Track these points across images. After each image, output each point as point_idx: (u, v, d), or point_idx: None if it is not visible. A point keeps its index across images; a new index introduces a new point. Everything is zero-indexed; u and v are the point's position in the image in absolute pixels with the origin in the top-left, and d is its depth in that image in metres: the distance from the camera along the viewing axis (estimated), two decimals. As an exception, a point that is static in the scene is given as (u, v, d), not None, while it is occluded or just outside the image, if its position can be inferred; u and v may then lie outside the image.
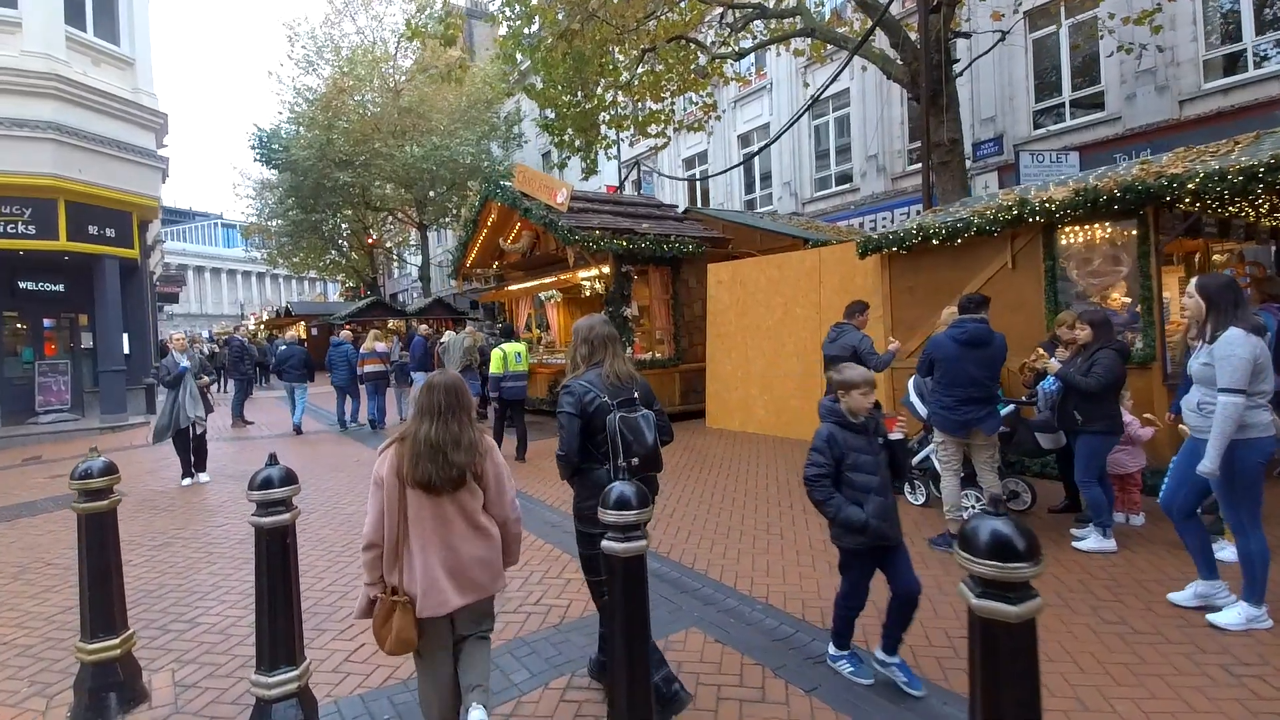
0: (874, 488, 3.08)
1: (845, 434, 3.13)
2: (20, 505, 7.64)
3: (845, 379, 3.16)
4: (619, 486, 2.44)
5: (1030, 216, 6.33)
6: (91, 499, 3.31)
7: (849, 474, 3.10)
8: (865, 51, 11.12)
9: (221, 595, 4.66)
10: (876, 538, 3.05)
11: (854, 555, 3.17)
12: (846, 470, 3.10)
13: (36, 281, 13.49)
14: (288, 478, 3.01)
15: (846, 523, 3.03)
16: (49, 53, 11.91)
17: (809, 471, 3.12)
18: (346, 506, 6.90)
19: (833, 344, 6.47)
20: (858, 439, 3.14)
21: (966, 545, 1.63)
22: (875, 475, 3.10)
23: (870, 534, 3.03)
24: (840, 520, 3.05)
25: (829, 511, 3.07)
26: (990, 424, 4.67)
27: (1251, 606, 3.55)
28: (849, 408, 3.14)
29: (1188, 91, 12.64)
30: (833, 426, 3.15)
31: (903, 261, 7.61)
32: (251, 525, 2.94)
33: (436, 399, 2.63)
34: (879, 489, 3.09)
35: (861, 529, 3.01)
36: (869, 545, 3.09)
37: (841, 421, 3.16)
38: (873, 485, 3.09)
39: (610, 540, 2.42)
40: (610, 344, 3.14)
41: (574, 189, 10.15)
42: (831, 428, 3.15)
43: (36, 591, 4.91)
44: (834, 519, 3.08)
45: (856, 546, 3.12)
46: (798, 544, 5.12)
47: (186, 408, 7.94)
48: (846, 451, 3.10)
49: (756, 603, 4.13)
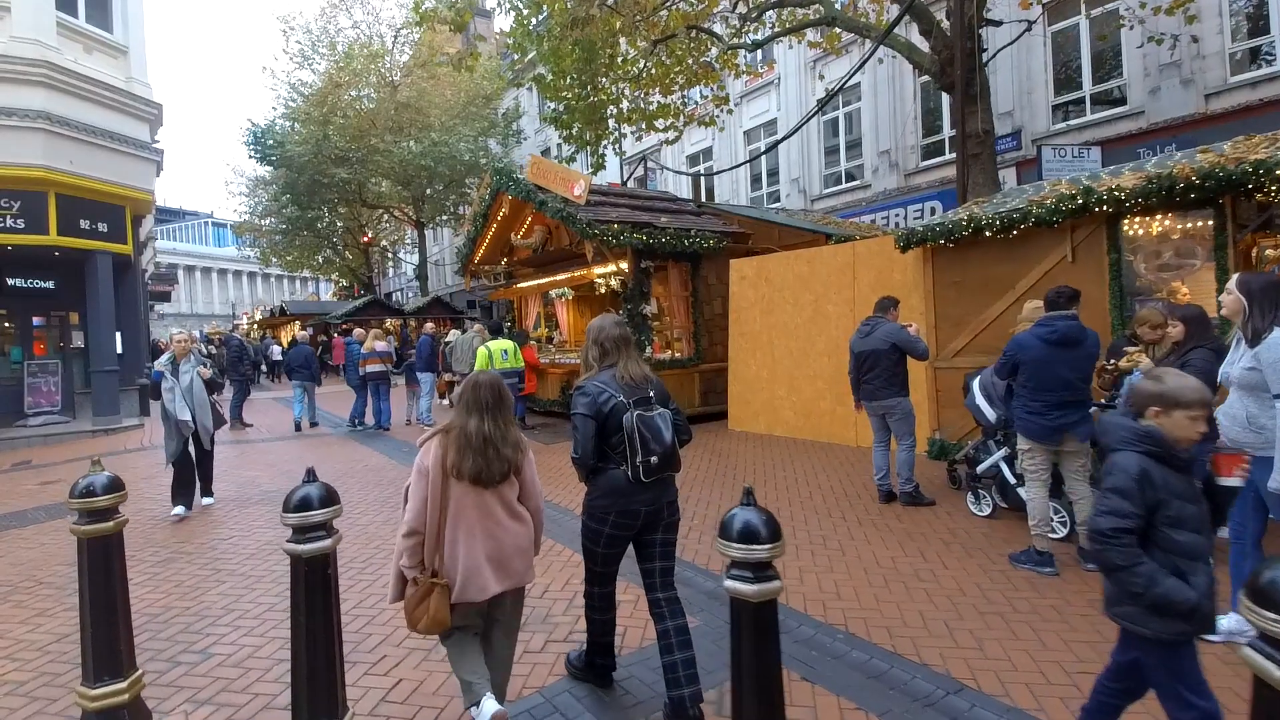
0: (1202, 552, 2.19)
1: (1165, 472, 2.19)
2: (9, 515, 7.14)
3: (1169, 391, 2.23)
4: (744, 514, 2.02)
5: (1096, 206, 5.93)
6: (95, 520, 2.86)
7: (1167, 530, 2.16)
8: (890, 40, 10.74)
9: (235, 620, 4.20)
10: (1202, 626, 2.15)
11: (1163, 648, 2.17)
12: (1165, 526, 2.16)
13: (25, 278, 12.96)
14: (328, 497, 2.57)
15: (1165, 601, 2.08)
16: (39, 39, 11.39)
17: (1107, 524, 2.16)
18: (360, 517, 6.44)
19: (866, 339, 6.11)
20: (1180, 481, 2.21)
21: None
22: (1202, 535, 2.20)
23: (1197, 620, 2.12)
24: (1156, 597, 2.09)
25: (1137, 582, 2.11)
26: (1084, 429, 4.26)
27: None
28: (1174, 435, 2.22)
29: (1213, 85, 12.34)
30: (1145, 459, 2.20)
31: (948, 255, 7.21)
32: (288, 553, 2.51)
33: (483, 395, 2.74)
34: (1206, 554, 2.21)
35: (1189, 613, 2.08)
36: (1190, 635, 2.16)
37: (1160, 453, 2.21)
38: (1201, 549, 2.18)
39: (736, 580, 1.99)
40: (622, 345, 3.08)
41: (592, 181, 9.69)
42: (1144, 461, 2.20)
43: (28, 615, 4.44)
44: (1145, 593, 2.11)
45: (1174, 637, 2.14)
46: (862, 561, 4.70)
47: (176, 411, 6.50)
48: (1167, 498, 2.16)
49: (836, 631, 3.71)
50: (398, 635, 3.84)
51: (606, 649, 3.22)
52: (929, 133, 16.86)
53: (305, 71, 30.49)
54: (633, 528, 2.97)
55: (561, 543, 5.31)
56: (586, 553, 3.08)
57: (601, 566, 3.06)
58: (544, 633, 3.83)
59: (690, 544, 5.17)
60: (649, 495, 2.93)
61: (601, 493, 2.95)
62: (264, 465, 9.19)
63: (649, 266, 10.08)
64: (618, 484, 2.91)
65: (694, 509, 6.14)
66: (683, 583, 4.33)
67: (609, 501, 2.93)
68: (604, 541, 2.98)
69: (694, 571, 4.66)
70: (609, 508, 2.93)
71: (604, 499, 2.94)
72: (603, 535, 2.96)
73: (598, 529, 2.97)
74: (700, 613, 3.99)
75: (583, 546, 3.10)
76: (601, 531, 2.96)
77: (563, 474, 7.67)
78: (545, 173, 10.19)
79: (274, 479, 8.25)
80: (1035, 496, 4.47)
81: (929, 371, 7.31)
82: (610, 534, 2.96)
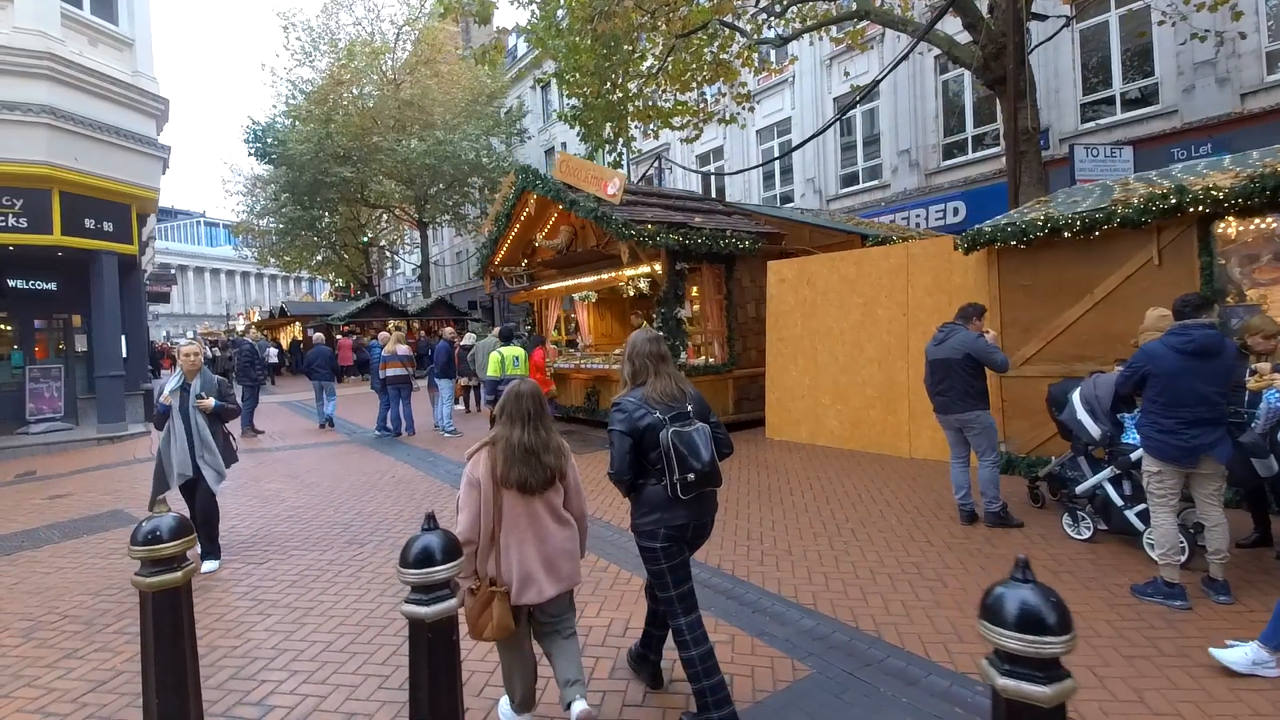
0: None
1: None
2: (20, 535, 6.69)
3: None
4: (1010, 593, 1.62)
5: (1190, 206, 5.58)
6: (161, 570, 2.46)
7: None
8: (929, 35, 10.40)
9: (290, 663, 3.79)
10: None
11: None
12: None
13: (27, 279, 12.48)
14: (452, 548, 2.18)
15: None
16: (42, 30, 10.92)
17: None
18: (401, 537, 5.99)
19: (940, 345, 5.71)
20: None
21: None
22: None
23: None
24: None
25: None
26: (1223, 449, 3.88)
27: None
28: None
29: (1250, 84, 12.08)
30: None
31: (1017, 257, 6.84)
32: (407, 617, 2.11)
33: (526, 406, 2.86)
34: None
35: None
36: None
37: None
38: None
39: (1017, 679, 1.59)
40: (653, 363, 3.03)
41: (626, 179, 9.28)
42: None
43: (56, 658, 4.01)
44: None
45: None
46: (969, 594, 4.29)
47: (171, 458, 5.23)
48: None
49: (974, 683, 3.31)
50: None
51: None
52: (951, 131, 16.53)
53: (306, 69, 30.04)
54: (683, 539, 2.95)
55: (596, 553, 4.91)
56: (655, 579, 2.99)
57: (677, 588, 2.94)
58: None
59: (751, 564, 4.78)
60: (693, 510, 2.93)
61: (647, 509, 2.93)
62: (285, 476, 8.74)
63: (684, 268, 9.68)
64: (659, 499, 2.90)
65: (766, 531, 5.76)
66: (762, 611, 3.97)
67: (656, 516, 2.91)
68: (664, 556, 2.92)
69: (774, 601, 4.27)
70: (657, 523, 2.91)
71: (650, 514, 2.92)
72: (660, 553, 2.92)
73: (653, 547, 2.93)
74: (807, 657, 3.59)
75: (650, 574, 3.03)
76: (657, 549, 2.92)
77: (592, 483, 7.26)
78: (575, 171, 9.77)
79: (298, 493, 7.82)
80: (1163, 523, 4.08)
81: (995, 380, 6.93)
82: (665, 547, 2.91)
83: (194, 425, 5.28)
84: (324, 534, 6.20)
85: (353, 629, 4.17)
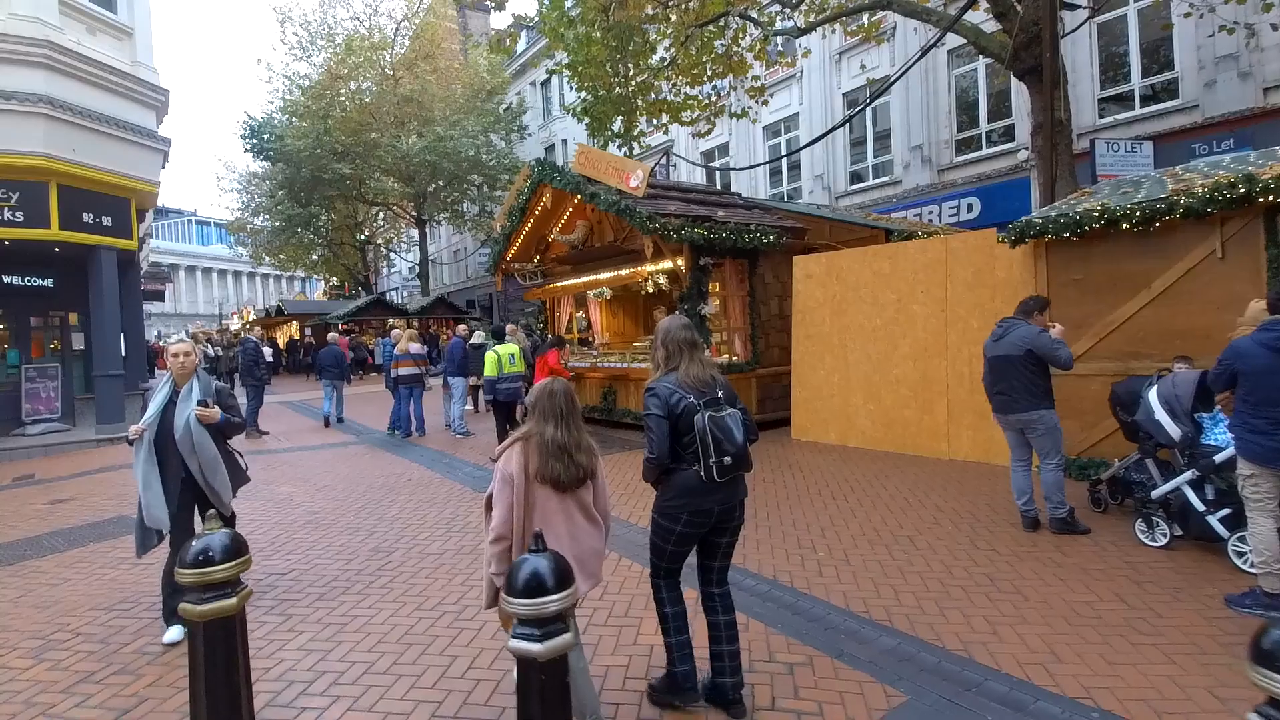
0: None
1: None
2: (23, 542, 6.35)
3: None
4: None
5: (1260, 196, 5.32)
6: (214, 596, 2.15)
7: None
8: (955, 25, 10.14)
9: (329, 688, 3.47)
10: None
11: None
12: None
13: (22, 275, 12.08)
14: (563, 577, 1.87)
15: None
16: (40, 17, 10.55)
17: None
18: (428, 544, 5.70)
19: (999, 342, 5.43)
20: None
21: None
22: None
23: None
24: None
25: None
26: (1322, 451, 3.61)
27: None
28: None
29: (1273, 78, 11.89)
30: None
31: (1067, 250, 6.57)
32: (516, 654, 1.80)
33: (559, 404, 2.85)
34: None
35: None
36: None
37: None
38: None
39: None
40: (685, 349, 3.07)
41: (650, 170, 8.96)
42: None
43: (71, 682, 3.67)
44: None
45: None
46: (1052, 607, 4.00)
47: (151, 506, 4.02)
48: None
49: (1089, 710, 3.02)
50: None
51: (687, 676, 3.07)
52: (964, 127, 16.29)
53: (303, 64, 29.63)
54: (705, 526, 2.99)
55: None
56: (654, 549, 3.10)
57: (668, 562, 3.07)
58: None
59: (810, 575, 4.49)
60: (722, 494, 2.95)
61: (676, 492, 2.97)
62: (295, 479, 8.41)
63: (708, 264, 9.38)
64: (691, 484, 2.93)
65: (815, 538, 5.47)
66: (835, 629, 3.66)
67: (683, 501, 2.95)
68: (674, 539, 3.00)
69: (845, 616, 3.98)
70: (682, 507, 2.95)
71: (678, 499, 2.96)
72: (674, 533, 2.99)
73: (669, 527, 2.99)
74: (898, 681, 3.30)
75: (651, 544, 3.12)
76: (674, 530, 2.99)
77: (616, 484, 6.97)
78: (595, 163, 9.45)
79: (312, 497, 7.49)
80: (1263, 529, 3.81)
81: (1067, 378, 6.63)
82: (682, 532, 2.98)
83: (193, 441, 4.05)
84: (346, 541, 5.88)
85: (394, 647, 3.86)
